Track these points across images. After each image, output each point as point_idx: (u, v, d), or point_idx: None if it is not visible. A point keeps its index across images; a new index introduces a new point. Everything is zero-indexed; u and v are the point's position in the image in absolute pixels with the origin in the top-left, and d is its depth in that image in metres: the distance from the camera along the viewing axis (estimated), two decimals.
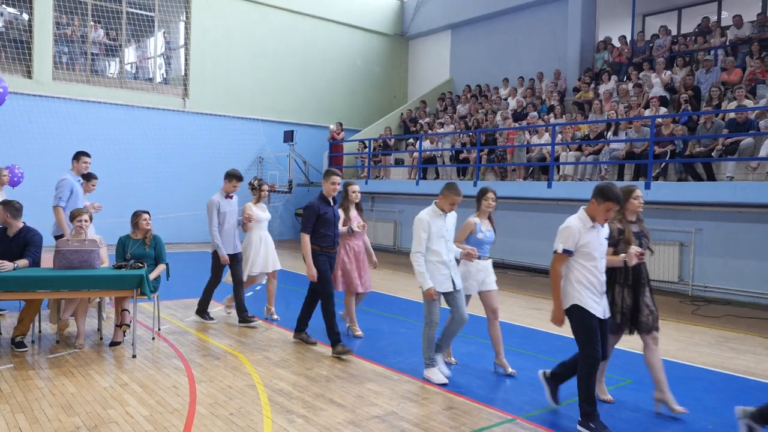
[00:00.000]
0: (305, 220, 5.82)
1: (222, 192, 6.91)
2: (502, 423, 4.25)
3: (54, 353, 5.60)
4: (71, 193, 6.72)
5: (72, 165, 6.98)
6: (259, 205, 7.28)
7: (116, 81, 15.56)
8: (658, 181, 10.08)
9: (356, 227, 6.49)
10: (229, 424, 4.05)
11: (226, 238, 6.83)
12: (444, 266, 5.03)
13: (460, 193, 4.99)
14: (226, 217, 6.86)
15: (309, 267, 5.76)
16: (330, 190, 5.93)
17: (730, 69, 11.61)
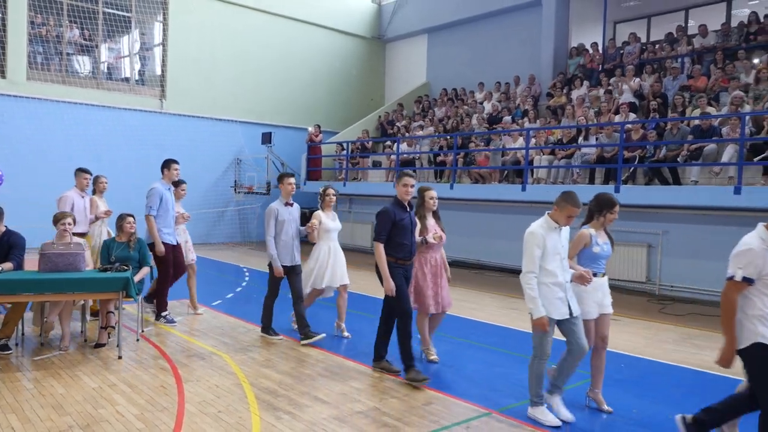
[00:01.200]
0: (379, 227, 5.27)
1: (282, 199, 6.48)
2: (480, 417, 4.48)
3: (39, 355, 5.68)
4: (161, 201, 6.87)
5: (162, 173, 7.17)
6: (328, 213, 6.79)
7: (92, 81, 15.47)
8: (627, 185, 10.46)
9: (432, 238, 5.75)
10: (218, 421, 4.21)
11: (284, 248, 6.38)
12: (559, 288, 4.35)
13: (579, 204, 4.35)
14: (284, 226, 6.40)
15: (386, 280, 5.18)
16: (403, 194, 5.36)
17: (697, 77, 12.06)
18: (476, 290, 10.59)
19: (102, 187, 7.65)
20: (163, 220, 6.94)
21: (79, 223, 6.86)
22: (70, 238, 5.96)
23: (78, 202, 7.08)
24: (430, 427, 4.25)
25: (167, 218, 6.99)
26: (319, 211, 6.75)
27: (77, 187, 7.19)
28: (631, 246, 10.80)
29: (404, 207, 5.38)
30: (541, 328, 4.27)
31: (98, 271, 5.87)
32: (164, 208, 6.93)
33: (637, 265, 10.81)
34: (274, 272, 6.39)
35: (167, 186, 7.13)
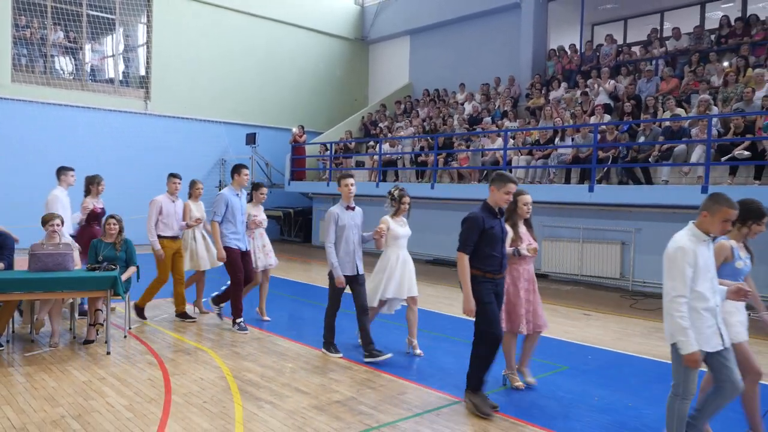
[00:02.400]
0: (465, 236, 4.60)
1: (342, 202, 6.03)
2: (450, 405, 4.77)
3: (30, 351, 5.89)
4: (227, 207, 6.76)
5: (232, 179, 7.04)
6: (398, 219, 6.20)
7: (77, 83, 15.57)
8: (601, 185, 10.82)
9: (525, 250, 5.10)
10: (203, 410, 4.46)
11: (345, 256, 5.92)
12: (711, 315, 3.59)
13: (735, 206, 3.61)
14: (345, 231, 5.93)
15: (467, 299, 4.48)
16: (502, 201, 4.65)
17: (668, 79, 12.46)
18: (454, 286, 10.88)
19: (197, 192, 7.73)
20: (231, 226, 6.82)
21: (167, 227, 7.24)
22: (59, 239, 6.17)
23: (168, 207, 7.25)
24: (404, 414, 4.53)
25: (236, 224, 6.84)
26: (387, 216, 6.16)
27: (168, 192, 7.37)
28: (606, 244, 11.17)
29: (495, 213, 4.68)
30: (693, 365, 3.53)
31: (86, 271, 6.08)
32: (231, 214, 6.80)
33: (611, 262, 11.17)
34: (334, 282, 5.92)
35: (235, 192, 6.94)
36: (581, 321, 8.26)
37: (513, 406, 4.77)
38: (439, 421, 4.40)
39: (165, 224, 7.23)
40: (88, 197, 7.54)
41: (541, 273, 12.23)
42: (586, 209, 11.49)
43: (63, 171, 7.54)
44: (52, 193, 7.21)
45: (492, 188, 4.67)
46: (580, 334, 7.48)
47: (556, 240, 11.96)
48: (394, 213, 6.18)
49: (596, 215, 11.40)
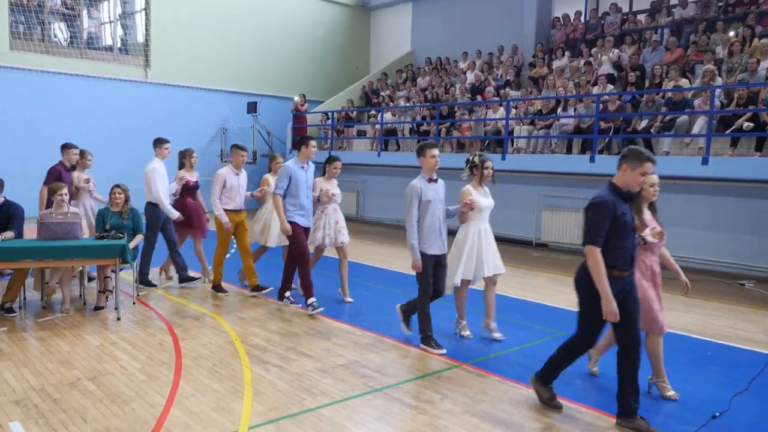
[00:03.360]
0: (594, 225, 3.84)
1: (424, 174, 5.42)
2: (451, 368, 4.95)
3: (42, 317, 6.06)
4: (290, 181, 6.42)
5: (298, 150, 6.65)
6: (481, 189, 5.71)
7: (76, 51, 15.48)
8: (602, 155, 10.88)
9: (650, 236, 4.31)
10: (213, 373, 4.64)
11: (430, 235, 5.32)
12: None
13: None
14: (429, 207, 5.34)
15: (606, 300, 3.79)
16: (634, 183, 3.88)
17: (673, 49, 12.39)
18: None
19: (276, 166, 7.44)
20: (295, 200, 6.49)
21: (230, 200, 7.08)
22: (67, 208, 6.29)
23: (232, 180, 7.08)
24: (406, 377, 4.70)
25: (299, 198, 6.50)
26: (469, 186, 5.63)
27: (233, 165, 7.18)
28: None
29: (625, 197, 3.93)
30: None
31: (95, 239, 6.21)
32: (294, 187, 6.47)
33: None
34: (415, 266, 5.32)
35: (300, 164, 6.58)
36: None
37: (512, 369, 4.94)
38: (440, 383, 4.58)
39: (228, 198, 7.07)
40: (182, 170, 7.67)
41: (541, 242, 12.38)
42: (587, 179, 11.56)
43: (159, 143, 7.57)
44: (150, 166, 7.29)
45: (624, 167, 3.89)
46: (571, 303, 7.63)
47: (557, 210, 12.06)
48: (477, 181, 5.68)
49: (597, 185, 11.33)
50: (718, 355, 5.63)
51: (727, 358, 5.52)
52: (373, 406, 4.11)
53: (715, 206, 10.05)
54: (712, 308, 7.49)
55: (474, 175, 5.70)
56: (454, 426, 3.85)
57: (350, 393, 4.32)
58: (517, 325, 6.38)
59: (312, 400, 4.18)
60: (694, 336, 6.25)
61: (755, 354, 5.69)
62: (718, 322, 6.79)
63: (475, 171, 5.68)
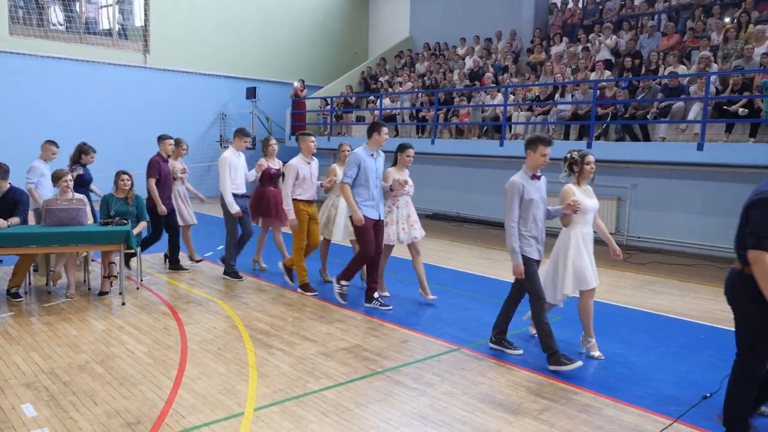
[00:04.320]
0: (764, 226, 3.23)
1: (527, 169, 4.85)
2: (450, 351, 5.07)
3: (48, 302, 6.16)
4: (359, 170, 6.02)
5: (369, 137, 6.18)
6: (584, 188, 5.06)
7: (75, 36, 15.46)
8: (599, 141, 10.96)
9: None
10: (218, 356, 4.76)
11: (531, 238, 4.81)
12: None
13: None
14: (531, 207, 4.77)
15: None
16: None
17: (670, 34, 12.42)
18: (454, 241, 11.17)
19: (344, 156, 7.07)
20: (364, 191, 6.05)
21: (304, 190, 6.77)
22: (72, 195, 6.37)
23: (304, 169, 6.77)
24: (406, 360, 4.83)
25: (368, 188, 6.05)
26: (570, 185, 5.02)
27: (303, 153, 6.85)
28: (603, 199, 11.31)
29: None
30: None
31: (99, 225, 6.30)
32: (364, 177, 6.03)
33: (607, 217, 11.41)
34: (516, 272, 4.80)
35: (370, 152, 6.13)
36: None
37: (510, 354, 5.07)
38: (439, 367, 4.70)
39: (302, 188, 6.78)
40: (264, 157, 7.59)
41: None
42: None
43: (239, 134, 7.47)
44: (222, 155, 7.29)
45: None
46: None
47: (555, 195, 12.14)
48: (578, 180, 5.03)
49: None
50: (711, 338, 5.77)
51: (720, 341, 5.66)
52: (375, 389, 4.24)
53: (709, 191, 10.17)
54: (706, 292, 7.63)
55: (574, 173, 5.04)
56: (453, 407, 3.98)
57: (353, 376, 4.44)
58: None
59: (315, 382, 4.30)
60: (689, 320, 6.39)
61: None
62: (711, 306, 6.93)
63: (575, 168, 5.04)
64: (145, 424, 3.57)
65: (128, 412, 3.73)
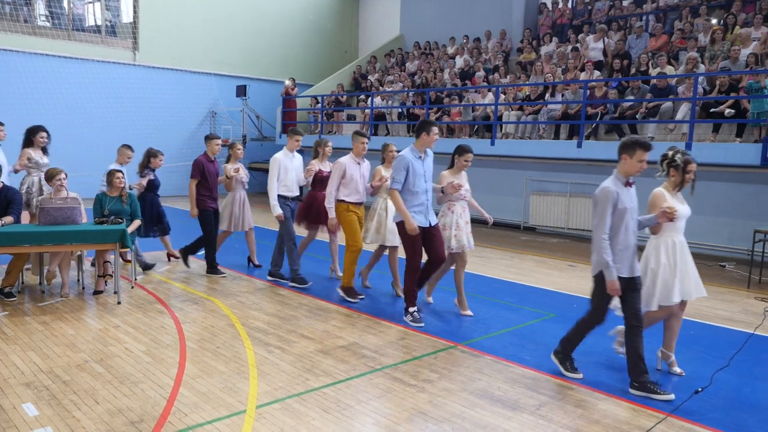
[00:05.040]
0: None
1: (620, 175, 4.33)
2: (446, 349, 5.14)
3: (42, 302, 6.14)
4: (407, 173, 5.54)
5: (418, 137, 5.69)
6: (676, 194, 4.65)
7: (63, 33, 15.34)
8: (589, 140, 11.08)
9: None
10: (217, 354, 4.78)
11: (624, 252, 4.28)
12: None
13: None
14: (625, 216, 4.27)
15: None
16: None
17: (658, 35, 12.58)
18: None
19: (390, 156, 6.76)
20: (410, 195, 5.58)
21: (352, 192, 6.52)
22: (66, 193, 6.34)
23: (352, 169, 6.54)
24: (403, 357, 4.88)
25: (415, 193, 5.59)
26: (662, 189, 4.59)
27: (353, 153, 6.63)
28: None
29: None
30: None
31: (94, 224, 6.29)
32: (411, 181, 5.56)
33: None
34: (598, 287, 4.40)
35: (418, 154, 5.66)
36: (567, 272, 8.67)
37: (504, 349, 5.15)
38: (437, 364, 4.76)
39: (348, 188, 6.52)
40: (315, 160, 7.30)
41: (528, 226, 12.62)
42: (574, 164, 11.78)
43: (291, 134, 7.22)
44: (274, 156, 7.06)
45: None
46: (566, 283, 7.88)
47: (544, 194, 12.28)
48: (673, 185, 4.59)
49: (583, 170, 11.71)
50: (701, 334, 5.88)
51: (709, 337, 5.77)
52: (375, 385, 4.29)
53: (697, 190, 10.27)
54: None
55: (671, 177, 4.59)
56: (452, 403, 4.04)
57: (352, 373, 4.49)
58: (508, 307, 6.59)
59: (315, 380, 4.34)
60: None
61: (735, 332, 5.96)
62: (700, 303, 7.04)
63: (673, 172, 4.57)
64: (148, 422, 3.59)
65: (131, 410, 3.75)
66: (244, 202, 7.84)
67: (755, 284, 8.16)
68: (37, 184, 7.35)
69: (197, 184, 7.38)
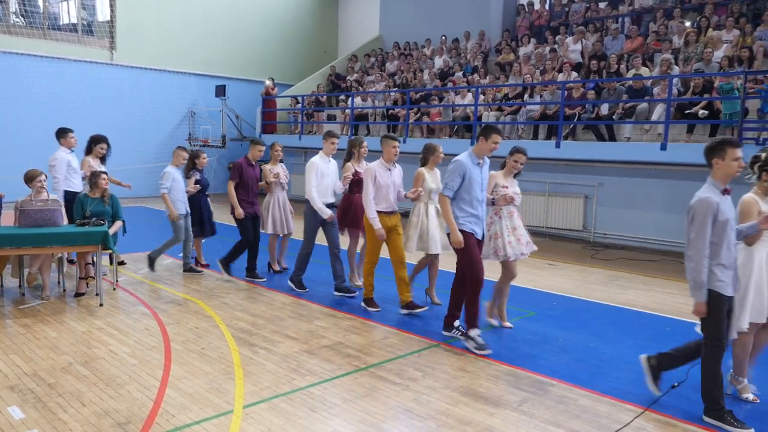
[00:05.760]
0: None
1: (718, 183, 3.90)
2: (429, 347, 5.22)
3: (23, 305, 6.09)
4: (463, 180, 5.11)
5: (476, 141, 5.34)
6: (766, 198, 4.19)
7: (38, 32, 15.11)
8: (567, 141, 11.26)
9: None
10: (203, 356, 4.80)
11: (727, 267, 3.84)
12: None
13: None
14: (726, 229, 3.82)
15: None
16: None
17: (634, 37, 12.82)
18: None
19: (438, 159, 6.45)
20: (465, 205, 5.15)
21: (382, 199, 6.10)
22: (47, 195, 6.29)
23: (383, 175, 6.13)
24: (387, 356, 4.95)
25: (471, 202, 5.15)
26: (752, 195, 4.17)
27: (384, 158, 6.23)
28: (570, 197, 11.71)
29: None
30: None
31: (75, 226, 6.25)
32: (467, 189, 5.12)
33: (574, 215, 11.74)
34: (708, 310, 3.84)
35: (476, 160, 5.21)
36: (546, 270, 8.81)
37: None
38: (421, 362, 4.84)
39: (378, 196, 6.09)
40: (349, 162, 6.94)
41: None
42: (552, 164, 11.95)
43: (328, 137, 6.87)
44: (311, 160, 6.77)
45: None
46: (546, 282, 8.02)
47: (524, 193, 12.36)
48: (765, 191, 4.16)
49: (561, 170, 11.89)
50: (677, 330, 6.04)
51: (685, 333, 5.91)
52: (360, 384, 4.35)
53: (672, 190, 10.54)
54: (670, 287, 7.95)
55: (763, 182, 4.15)
56: (437, 401, 4.11)
57: (337, 372, 4.55)
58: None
59: (301, 379, 4.39)
60: (655, 313, 6.67)
61: None
62: (676, 300, 7.23)
63: (766, 176, 4.12)
64: (135, 424, 3.61)
65: (117, 412, 3.76)
66: (284, 204, 7.67)
67: None
68: None
69: (235, 186, 7.29)
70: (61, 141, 7.76)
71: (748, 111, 9.53)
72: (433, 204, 6.29)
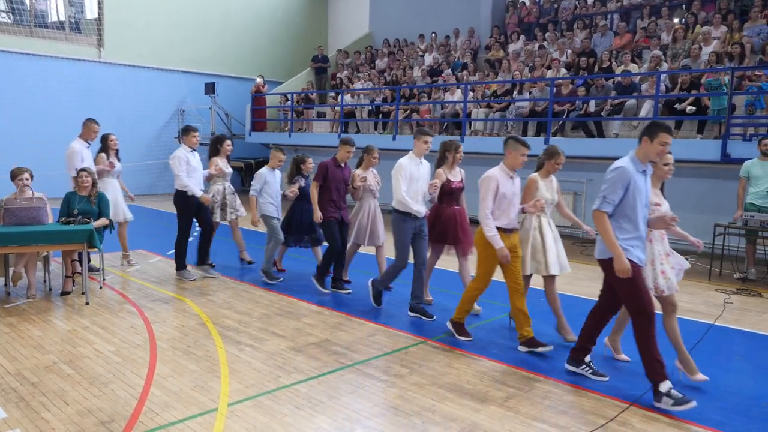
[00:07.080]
0: None
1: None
2: (417, 344, 5.21)
3: (8, 303, 6.04)
4: (626, 193, 4.19)
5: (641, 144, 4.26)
6: None
7: (24, 29, 14.96)
8: (556, 137, 11.29)
9: None
10: (189, 354, 4.78)
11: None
12: None
13: None
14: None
15: None
16: None
17: (622, 34, 12.87)
18: None
19: (556, 168, 5.88)
20: (627, 223, 4.20)
21: (504, 214, 5.20)
22: (32, 193, 6.24)
23: (506, 186, 5.26)
24: (375, 353, 4.94)
25: (634, 220, 4.19)
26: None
27: (506, 165, 5.34)
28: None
29: None
30: None
31: (61, 224, 6.20)
32: (629, 203, 4.18)
33: None
34: None
35: (641, 167, 4.29)
36: None
37: (473, 343, 5.24)
38: (407, 359, 4.84)
39: (498, 209, 5.18)
40: (440, 168, 6.16)
41: None
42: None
43: (419, 135, 6.05)
44: (399, 162, 5.94)
45: None
46: (535, 278, 8.00)
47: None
48: None
49: None
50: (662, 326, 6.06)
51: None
52: (346, 381, 4.34)
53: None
54: None
55: None
56: (423, 397, 4.11)
57: (324, 369, 4.54)
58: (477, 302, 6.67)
59: (287, 377, 4.37)
60: None
61: (696, 323, 6.17)
62: None
63: None
64: (119, 422, 3.59)
65: (101, 410, 3.74)
66: (373, 212, 6.92)
67: (716, 276, 8.43)
68: (222, 192, 7.74)
69: (320, 188, 6.70)
70: (183, 140, 7.39)
71: (736, 107, 9.59)
72: (546, 217, 5.61)
